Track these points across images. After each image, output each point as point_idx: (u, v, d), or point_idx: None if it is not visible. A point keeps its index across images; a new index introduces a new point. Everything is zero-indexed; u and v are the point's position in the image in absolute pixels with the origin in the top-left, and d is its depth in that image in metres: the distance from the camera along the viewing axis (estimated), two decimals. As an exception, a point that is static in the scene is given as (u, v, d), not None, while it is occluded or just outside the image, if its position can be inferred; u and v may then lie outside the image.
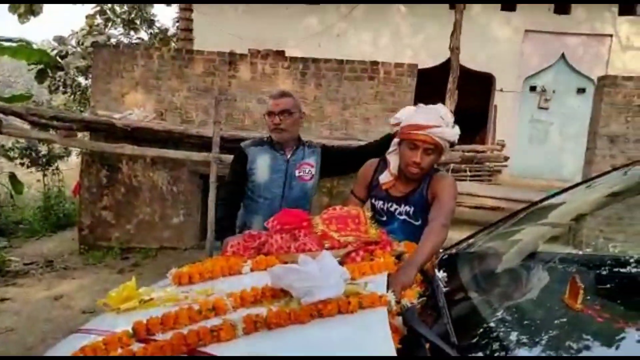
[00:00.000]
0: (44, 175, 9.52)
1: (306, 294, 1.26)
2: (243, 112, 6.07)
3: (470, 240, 1.94)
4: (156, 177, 6.08)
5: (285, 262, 1.69)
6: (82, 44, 12.24)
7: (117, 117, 5.73)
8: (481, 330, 1.22)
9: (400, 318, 1.29)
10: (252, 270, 1.72)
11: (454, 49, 5.03)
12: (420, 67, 6.21)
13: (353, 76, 5.94)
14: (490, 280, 1.63)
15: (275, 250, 1.83)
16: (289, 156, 2.44)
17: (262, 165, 2.41)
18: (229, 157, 5.21)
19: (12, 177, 8.81)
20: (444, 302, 1.34)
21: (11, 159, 9.56)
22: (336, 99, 5.95)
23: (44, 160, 9.42)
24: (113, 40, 11.92)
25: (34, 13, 10.95)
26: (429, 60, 8.44)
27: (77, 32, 12.89)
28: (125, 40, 12.92)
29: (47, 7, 11.04)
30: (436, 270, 1.58)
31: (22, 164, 9.50)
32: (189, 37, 8.85)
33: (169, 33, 13.81)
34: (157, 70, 6.19)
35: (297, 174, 2.41)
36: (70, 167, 10.90)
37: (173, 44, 12.14)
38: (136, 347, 1.12)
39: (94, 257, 5.99)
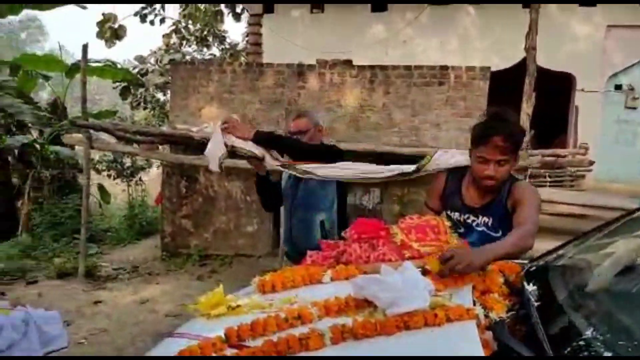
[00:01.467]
0: (128, 186, 10.21)
1: (391, 305, 1.26)
2: (312, 121, 6.17)
3: (560, 252, 1.84)
4: (231, 187, 6.32)
5: (366, 272, 1.70)
6: (160, 62, 13.07)
7: (194, 130, 6.03)
8: (578, 347, 1.15)
9: (489, 332, 1.25)
10: (332, 279, 1.74)
11: (530, 49, 4.80)
12: (491, 70, 6.00)
13: (422, 82, 5.85)
14: (586, 294, 1.53)
15: (354, 260, 1.84)
16: None
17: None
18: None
19: (101, 188, 9.57)
20: (537, 317, 1.28)
21: (99, 172, 10.35)
22: (405, 106, 5.89)
23: (128, 172, 10.10)
24: (187, 57, 12.60)
25: (119, 37, 11.87)
26: (501, 62, 8.13)
27: (155, 52, 13.79)
28: (199, 57, 13.61)
29: (128, 29, 11.92)
30: (525, 283, 1.52)
31: (108, 176, 10.25)
32: (258, 51, 9.16)
33: (239, 48, 14.38)
34: (229, 85, 6.46)
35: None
36: (152, 178, 11.61)
37: (242, 58, 12.62)
38: (229, 352, 1.17)
39: (175, 263, 6.33)
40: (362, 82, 6.02)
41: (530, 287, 1.47)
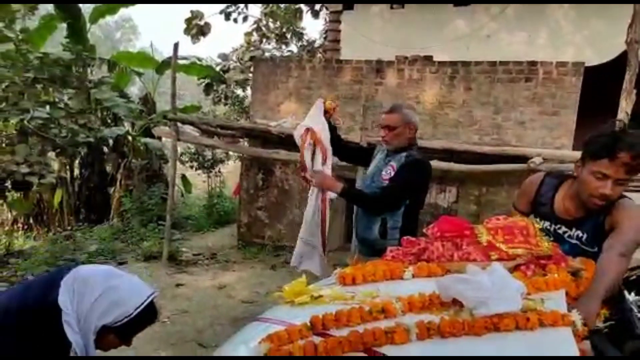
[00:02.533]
0: (208, 177, 10.71)
1: (480, 306, 1.22)
2: (389, 118, 6.11)
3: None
4: (305, 181, 6.42)
5: (449, 271, 1.67)
6: (242, 59, 13.54)
7: (273, 125, 6.21)
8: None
9: (587, 342, 1.18)
10: (413, 276, 1.72)
11: (632, 43, 4.42)
12: (585, 65, 5.60)
13: (507, 78, 5.59)
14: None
15: (437, 258, 1.81)
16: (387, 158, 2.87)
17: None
18: (376, 163, 5.32)
19: (183, 178, 10.13)
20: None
21: (182, 163, 10.95)
22: (487, 103, 5.66)
23: (208, 164, 10.60)
24: (267, 54, 12.96)
25: (204, 34, 12.46)
26: (595, 57, 7.52)
27: (237, 49, 14.31)
28: (277, 54, 13.94)
29: (213, 27, 12.48)
30: (625, 293, 1.41)
31: (191, 167, 10.82)
32: (337, 48, 9.20)
33: (316, 45, 14.54)
34: (308, 81, 6.56)
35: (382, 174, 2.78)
36: (230, 170, 12.09)
37: (319, 55, 12.76)
38: (317, 340, 1.19)
39: (250, 252, 6.56)
40: (441, 79, 5.86)
41: (632, 297, 1.37)
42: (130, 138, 8.78)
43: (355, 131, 5.87)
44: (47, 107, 6.41)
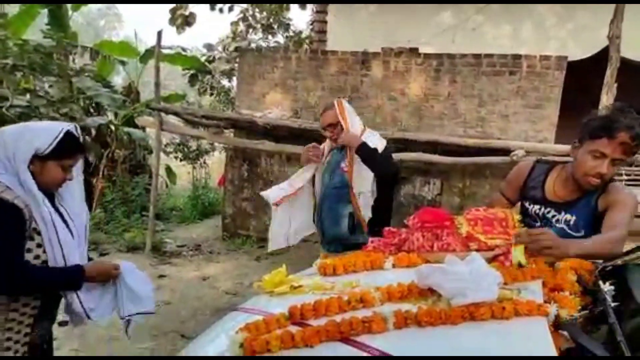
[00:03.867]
0: (193, 168, 10.63)
1: (457, 295, 1.23)
2: (374, 109, 6.11)
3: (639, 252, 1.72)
4: (290, 172, 6.39)
5: (429, 261, 1.68)
6: (227, 49, 13.41)
7: (258, 116, 6.17)
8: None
9: (564, 332, 1.20)
10: (394, 266, 1.73)
11: (614, 38, 4.47)
12: (568, 59, 5.66)
13: (491, 71, 5.62)
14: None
15: (417, 248, 1.82)
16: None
17: None
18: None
19: (168, 169, 10.03)
20: (614, 317, 1.21)
21: (167, 154, 10.84)
22: (472, 96, 5.69)
23: (193, 154, 10.51)
24: (253, 45, 12.84)
25: (189, 24, 12.29)
26: (578, 51, 7.60)
27: (222, 39, 14.16)
28: (264, 44, 13.82)
29: (198, 18, 12.31)
30: (600, 282, 1.43)
31: (175, 158, 10.72)
32: (323, 39, 9.15)
33: (303, 35, 14.46)
34: (294, 72, 6.52)
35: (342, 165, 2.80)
36: (215, 161, 12.01)
37: (306, 46, 12.68)
38: (294, 330, 1.19)
39: (234, 243, 6.54)
40: (427, 71, 5.88)
41: (607, 287, 1.39)
42: (113, 128, 8.65)
43: (341, 123, 5.86)
44: (27, 95, 6.28)
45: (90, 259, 1.79)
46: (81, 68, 7.87)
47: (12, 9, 8.13)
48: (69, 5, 8.56)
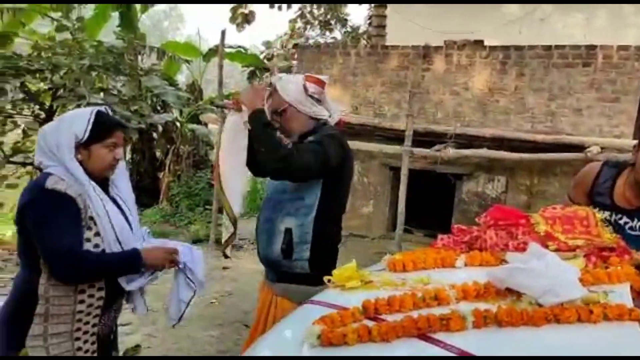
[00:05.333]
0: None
1: (545, 293, 1.18)
2: (435, 104, 5.99)
3: None
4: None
5: (503, 260, 1.63)
6: (285, 46, 13.59)
7: (317, 112, 6.21)
8: None
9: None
10: (466, 264, 1.69)
11: None
12: (650, 48, 5.27)
13: (563, 63, 5.34)
14: None
15: (490, 247, 1.76)
16: None
17: None
18: (422, 150, 5.23)
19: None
20: None
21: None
22: (541, 89, 5.44)
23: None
24: (311, 41, 12.94)
25: (248, 22, 12.57)
26: (660, 40, 7.08)
27: (281, 36, 14.37)
28: (321, 41, 13.89)
29: (257, 15, 12.56)
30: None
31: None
32: (382, 34, 9.06)
33: (360, 31, 14.39)
34: (353, 67, 6.50)
35: None
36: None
37: (363, 41, 12.61)
38: (370, 324, 1.19)
39: (293, 238, 6.63)
40: (492, 64, 5.68)
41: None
42: (178, 124, 9.03)
43: (401, 119, 5.79)
44: (102, 93, 6.66)
45: None
46: (149, 68, 8.26)
47: (87, 12, 8.65)
48: (137, 8, 9.00)
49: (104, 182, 1.63)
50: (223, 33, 6.24)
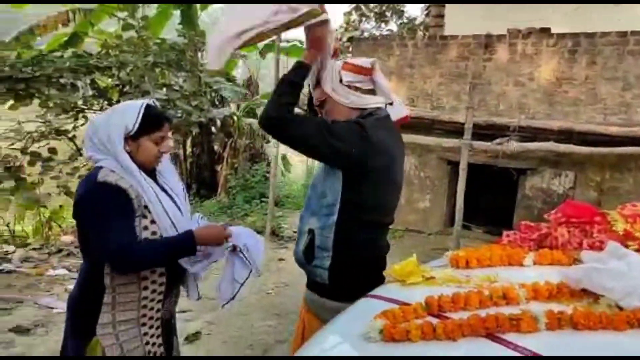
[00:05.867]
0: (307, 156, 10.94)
1: (624, 297, 1.10)
2: (498, 96, 5.75)
3: None
4: (405, 161, 6.31)
5: (576, 260, 1.53)
6: (340, 39, 13.54)
7: (373, 105, 6.14)
8: None
9: None
10: (535, 263, 1.61)
11: None
12: None
13: (639, 50, 4.96)
14: None
15: (561, 245, 1.67)
16: None
17: None
18: (482, 144, 5.05)
19: (283, 158, 10.46)
20: None
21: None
22: (614, 79, 5.08)
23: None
24: (366, 34, 12.81)
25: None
26: None
27: (336, 29, 14.33)
28: (377, 33, 13.72)
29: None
30: None
31: (291, 148, 11.11)
32: (440, 24, 8.81)
33: (417, 22, 14.08)
34: (410, 59, 6.36)
35: None
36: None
37: (420, 32, 12.33)
38: (434, 321, 1.15)
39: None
40: (560, 53, 5.36)
41: None
42: (235, 118, 9.24)
43: (461, 111, 5.61)
44: (164, 89, 6.93)
45: None
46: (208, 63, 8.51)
47: (151, 11, 9.02)
48: (197, 6, 9.27)
49: (151, 172, 1.66)
50: (280, 27, 6.29)
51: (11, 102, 5.47)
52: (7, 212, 5.60)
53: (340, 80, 1.74)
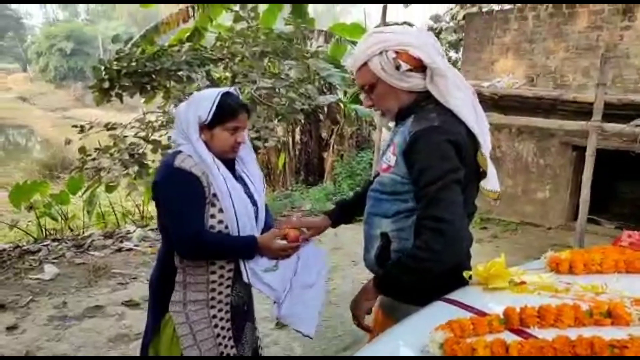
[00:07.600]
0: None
1: None
2: (637, 70, 4.92)
3: None
4: (521, 147, 5.74)
5: None
6: (455, 18, 12.76)
7: (485, 86, 5.65)
8: None
9: None
10: (662, 272, 1.28)
11: None
12: None
13: None
14: None
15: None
16: None
17: None
18: (615, 126, 4.35)
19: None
20: None
21: (389, 129, 11.02)
22: None
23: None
24: (484, 9, 11.89)
25: (412, -1, 12.11)
26: None
27: (451, 9, 13.53)
28: (496, 8, 12.68)
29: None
30: None
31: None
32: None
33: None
34: (530, 33, 5.72)
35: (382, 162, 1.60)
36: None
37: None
38: (509, 339, 0.94)
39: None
40: None
41: None
42: (342, 105, 9.20)
43: (589, 89, 4.92)
44: (273, 79, 7.11)
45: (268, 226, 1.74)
46: (315, 51, 8.54)
47: (263, 4, 9.31)
48: (308, -5, 9.36)
49: (230, 160, 1.66)
50: (384, 10, 6.07)
51: (138, 95, 6.03)
52: (135, 195, 6.20)
53: (397, 68, 1.44)
